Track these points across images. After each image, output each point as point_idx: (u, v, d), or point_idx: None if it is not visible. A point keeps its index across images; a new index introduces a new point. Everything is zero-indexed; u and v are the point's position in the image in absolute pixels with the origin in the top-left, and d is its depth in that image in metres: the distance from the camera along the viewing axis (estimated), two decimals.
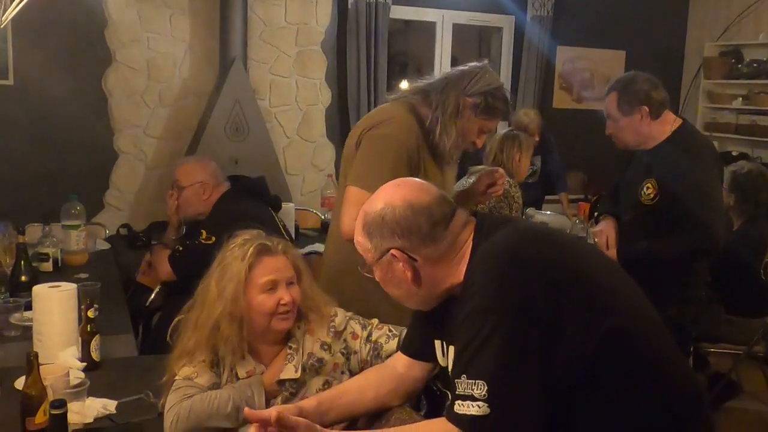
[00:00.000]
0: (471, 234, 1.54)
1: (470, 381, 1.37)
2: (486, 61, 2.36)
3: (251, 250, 1.88)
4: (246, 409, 1.50)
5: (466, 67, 2.33)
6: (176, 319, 2.02)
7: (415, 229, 1.50)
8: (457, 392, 1.39)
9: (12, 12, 2.33)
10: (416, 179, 1.62)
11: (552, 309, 1.38)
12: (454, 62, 5.99)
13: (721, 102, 6.25)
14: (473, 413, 1.35)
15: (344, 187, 2.33)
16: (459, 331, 1.43)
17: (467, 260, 1.52)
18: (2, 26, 2.48)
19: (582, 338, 1.39)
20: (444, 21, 5.71)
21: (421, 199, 1.52)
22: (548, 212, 4.64)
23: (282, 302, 1.88)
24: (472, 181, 2.70)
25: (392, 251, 1.51)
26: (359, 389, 1.75)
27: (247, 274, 1.86)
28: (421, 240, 1.50)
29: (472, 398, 1.36)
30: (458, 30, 5.82)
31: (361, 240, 1.57)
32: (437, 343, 1.66)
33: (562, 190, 5.32)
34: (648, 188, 2.84)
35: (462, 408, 1.37)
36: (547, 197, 5.30)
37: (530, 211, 4.38)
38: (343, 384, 1.81)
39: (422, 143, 2.29)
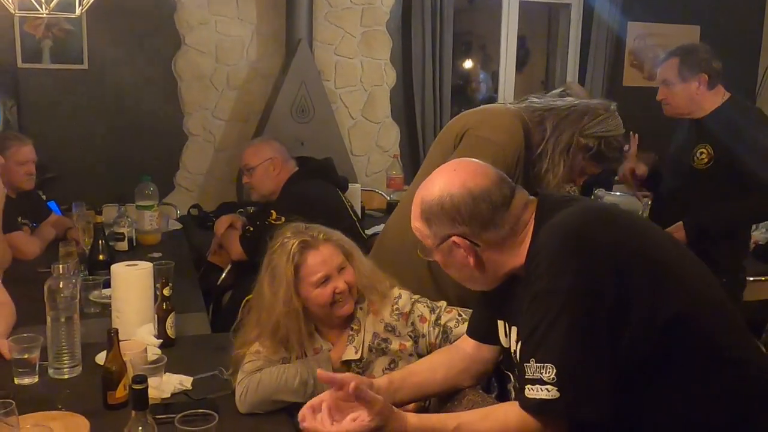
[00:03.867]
0: (532, 214, 1.52)
1: (539, 364, 1.36)
2: (614, 105, 2.24)
3: (294, 248, 1.87)
4: (319, 370, 1.50)
5: (592, 103, 2.22)
6: (245, 300, 2.06)
7: (476, 215, 1.47)
8: (526, 376, 1.38)
9: None
10: (473, 160, 1.57)
11: (619, 292, 1.35)
12: (522, 41, 5.89)
13: None
14: (543, 397, 1.35)
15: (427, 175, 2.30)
16: (526, 313, 1.42)
17: (529, 241, 1.50)
18: (81, 13, 2.55)
19: (648, 322, 1.36)
20: None
21: (480, 184, 1.48)
22: (618, 193, 4.53)
23: (337, 291, 1.88)
24: None
25: (453, 238, 1.50)
26: (430, 369, 1.75)
27: (296, 274, 1.87)
28: (482, 225, 1.48)
29: (542, 382, 1.35)
30: (525, 7, 5.70)
31: (419, 226, 1.56)
32: (500, 323, 1.65)
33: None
34: (702, 153, 2.81)
35: (532, 392, 1.36)
36: (615, 178, 5.17)
37: (599, 191, 4.29)
38: (413, 364, 1.82)
39: (522, 161, 2.19)
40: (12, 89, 4.52)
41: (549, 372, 1.34)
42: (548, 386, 1.34)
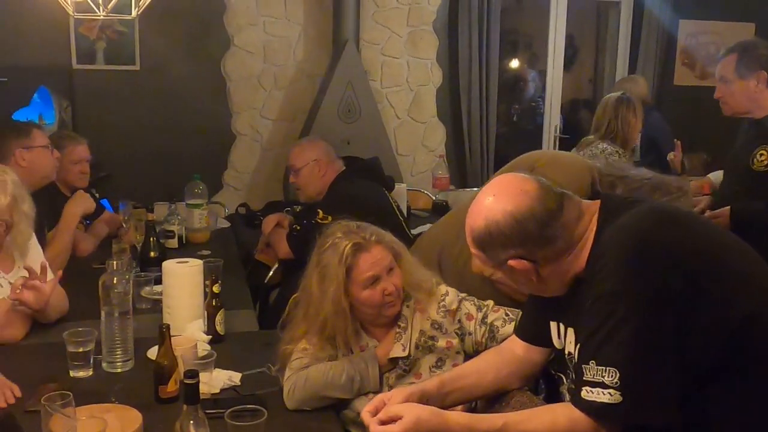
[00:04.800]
0: (592, 217, 1.50)
1: (600, 367, 1.34)
2: (689, 184, 2.17)
3: (347, 250, 1.87)
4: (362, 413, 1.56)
5: (666, 180, 2.17)
6: (293, 297, 2.08)
7: (525, 235, 1.46)
8: (585, 378, 1.37)
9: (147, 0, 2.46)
10: (512, 176, 1.55)
11: (687, 294, 1.33)
12: (570, 40, 5.83)
13: None
14: (604, 401, 1.33)
15: None
16: (587, 315, 1.40)
17: (590, 245, 1.48)
18: (137, 14, 2.61)
19: (719, 324, 1.34)
20: None
21: (522, 205, 1.46)
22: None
23: (386, 292, 1.89)
24: None
25: (510, 262, 1.49)
26: (479, 372, 1.74)
27: (347, 275, 1.87)
28: (535, 244, 1.47)
29: (603, 385, 1.34)
30: (573, 5, 5.64)
31: (476, 252, 1.56)
32: (553, 324, 1.63)
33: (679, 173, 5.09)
34: (762, 155, 2.72)
35: (591, 395, 1.35)
36: None
37: None
38: (462, 366, 1.81)
39: None
40: (67, 90, 4.64)
41: (612, 376, 1.33)
42: (611, 390, 1.33)
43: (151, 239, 3.00)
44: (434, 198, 4.66)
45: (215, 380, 1.93)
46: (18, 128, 3.00)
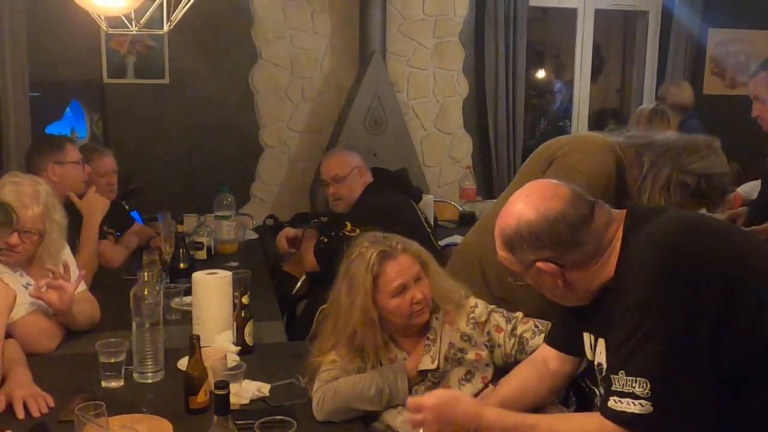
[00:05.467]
0: (620, 226, 1.49)
1: (630, 378, 1.34)
2: (717, 141, 2.13)
3: (373, 258, 1.88)
4: (408, 399, 1.56)
5: (693, 139, 2.15)
6: (321, 309, 2.08)
7: (556, 238, 1.47)
8: (613, 388, 1.36)
9: (180, 13, 2.49)
10: (546, 181, 1.58)
11: (719, 304, 1.32)
12: (596, 50, 5.80)
13: None
14: (635, 411, 1.33)
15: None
16: (617, 325, 1.40)
17: (618, 253, 1.47)
18: (168, 29, 2.64)
19: (752, 334, 1.32)
20: (586, 7, 5.52)
21: (554, 207, 1.48)
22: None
23: (414, 300, 1.88)
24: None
25: (538, 264, 1.50)
26: (521, 396, 1.73)
27: (374, 283, 1.87)
28: (564, 247, 1.48)
29: (633, 396, 1.33)
30: (600, 15, 5.62)
31: (504, 254, 1.57)
32: (586, 336, 1.62)
33: None
34: None
35: (621, 405, 1.34)
36: None
37: None
38: (503, 392, 1.78)
39: (613, 194, 2.11)
40: (98, 104, 4.71)
41: (642, 387, 1.32)
42: (642, 401, 1.32)
43: (181, 251, 3.03)
44: (461, 209, 4.65)
45: (244, 391, 1.94)
46: (52, 143, 3.05)
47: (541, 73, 7.03)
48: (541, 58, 7.00)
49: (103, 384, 2.03)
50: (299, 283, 3.40)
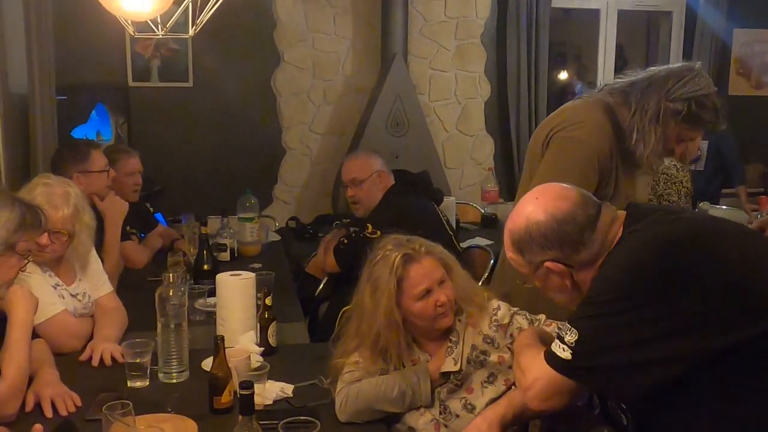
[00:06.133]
0: (620, 227, 1.54)
1: (568, 325, 1.47)
2: (698, 64, 2.16)
3: (397, 261, 1.87)
4: None
5: (674, 67, 2.16)
6: (343, 311, 2.09)
7: (564, 238, 1.52)
8: (556, 332, 1.51)
9: (205, 17, 2.52)
10: (555, 184, 1.62)
11: (678, 301, 1.38)
12: (619, 51, 5.76)
13: None
14: (558, 354, 1.47)
15: (526, 189, 2.28)
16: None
17: (616, 244, 1.53)
18: (194, 33, 2.67)
19: (721, 339, 1.37)
20: (608, 8, 5.49)
21: (563, 208, 1.53)
22: (724, 207, 4.35)
23: (439, 303, 1.88)
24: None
25: (546, 263, 1.54)
26: None
27: (398, 286, 1.87)
28: (572, 247, 1.52)
29: (562, 340, 1.46)
30: (623, 16, 5.58)
31: (513, 256, 1.61)
32: None
33: (740, 183, 4.99)
34: None
35: (554, 347, 1.48)
36: (723, 191, 4.98)
37: (704, 205, 4.13)
38: None
39: (616, 149, 2.16)
40: (123, 107, 4.77)
41: (572, 336, 1.44)
42: (564, 346, 1.45)
43: (205, 252, 3.05)
44: (483, 211, 4.64)
45: (268, 392, 1.95)
46: (77, 152, 3.04)
47: (563, 75, 7.00)
48: (563, 59, 6.97)
49: (129, 384, 2.05)
50: (321, 285, 3.41)
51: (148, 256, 3.37)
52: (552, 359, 1.48)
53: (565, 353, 1.44)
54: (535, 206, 1.55)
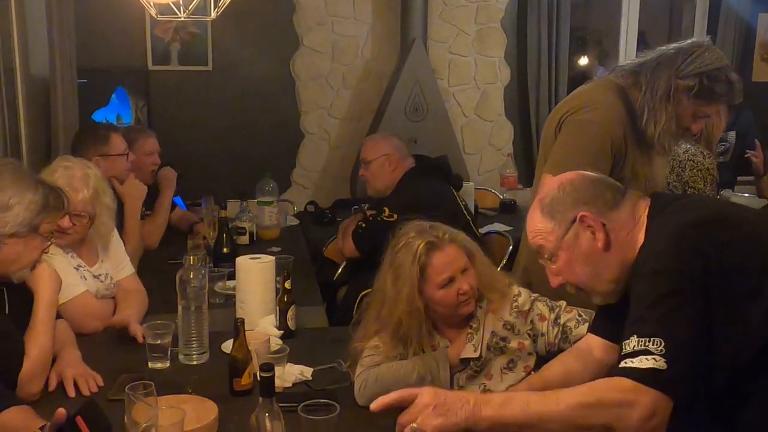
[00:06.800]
0: (645, 210, 1.54)
1: (643, 339, 1.35)
2: (707, 38, 2.15)
3: (420, 249, 1.86)
4: (372, 405, 1.49)
5: (683, 44, 2.14)
6: (361, 294, 2.09)
7: (599, 193, 1.54)
8: (623, 353, 1.37)
9: (228, 1, 2.52)
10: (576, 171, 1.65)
11: (721, 290, 1.36)
12: (641, 37, 5.69)
13: None
14: (651, 366, 1.32)
15: (540, 173, 2.27)
16: (631, 296, 1.43)
17: (644, 233, 1.51)
18: (216, 16, 2.67)
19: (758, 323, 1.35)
20: None
21: (594, 174, 1.61)
22: (746, 194, 4.30)
23: (461, 292, 1.88)
24: None
25: (581, 214, 1.53)
26: (564, 381, 1.68)
27: (421, 274, 1.86)
28: (606, 204, 1.53)
29: (647, 352, 1.33)
30: (646, 1, 5.51)
31: (540, 226, 1.58)
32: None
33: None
34: None
35: (635, 363, 1.34)
36: (740, 178, 4.92)
37: (726, 192, 4.09)
38: (546, 373, 1.79)
39: (629, 131, 2.16)
40: (143, 90, 4.79)
41: (656, 344, 1.32)
42: (656, 356, 1.32)
43: (224, 235, 3.06)
44: (502, 197, 4.62)
45: (287, 374, 1.96)
46: (97, 135, 3.06)
47: (583, 60, 6.93)
48: (584, 44, 6.89)
49: (150, 365, 2.07)
50: (340, 269, 3.42)
51: (157, 234, 3.35)
52: (644, 374, 1.32)
53: (658, 362, 1.32)
54: (566, 174, 1.62)
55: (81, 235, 2.36)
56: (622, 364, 1.35)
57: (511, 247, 3.34)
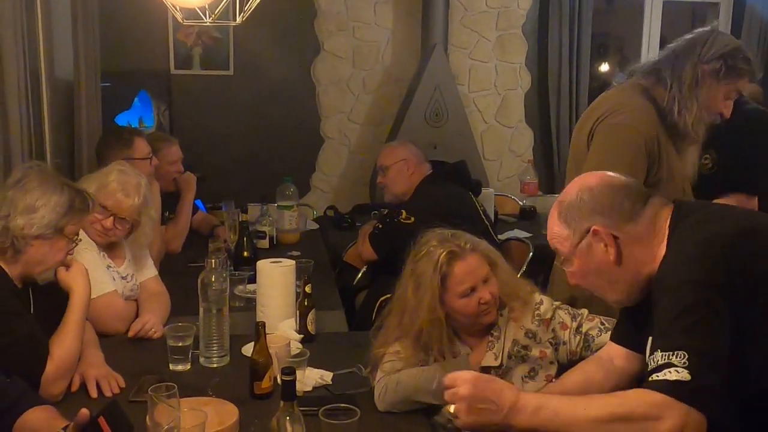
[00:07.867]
0: (667, 220, 1.51)
1: (666, 353, 1.33)
2: (715, 23, 2.21)
3: (442, 258, 1.86)
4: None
5: (692, 35, 2.17)
6: (380, 299, 2.09)
7: (616, 204, 1.50)
8: (649, 368, 1.36)
9: (253, 5, 2.53)
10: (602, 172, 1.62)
11: (746, 303, 1.34)
12: (663, 42, 5.65)
13: None
14: (674, 378, 1.31)
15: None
16: (656, 310, 1.41)
17: (665, 246, 1.48)
18: (241, 21, 2.69)
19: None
20: None
21: (618, 178, 1.55)
22: None
23: (482, 301, 1.87)
24: None
25: (593, 228, 1.50)
26: (585, 389, 1.69)
27: (442, 284, 1.86)
28: (621, 216, 1.50)
29: (671, 365, 1.32)
30: (668, 7, 5.47)
31: (557, 230, 1.57)
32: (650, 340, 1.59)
33: None
34: None
35: (660, 376, 1.33)
36: None
37: None
38: (567, 381, 1.77)
39: (661, 129, 2.15)
40: (165, 94, 4.83)
41: (680, 358, 1.32)
42: (678, 368, 1.31)
43: (245, 239, 3.07)
44: (521, 203, 4.61)
45: (308, 378, 1.96)
46: (122, 138, 3.08)
47: (604, 67, 6.89)
48: (606, 51, 6.85)
49: (171, 367, 2.08)
50: (360, 274, 3.42)
51: (180, 238, 3.37)
52: (670, 386, 1.31)
53: (681, 374, 1.30)
54: (588, 177, 1.58)
55: (118, 239, 2.39)
56: (649, 379, 1.35)
57: (531, 254, 3.33)
